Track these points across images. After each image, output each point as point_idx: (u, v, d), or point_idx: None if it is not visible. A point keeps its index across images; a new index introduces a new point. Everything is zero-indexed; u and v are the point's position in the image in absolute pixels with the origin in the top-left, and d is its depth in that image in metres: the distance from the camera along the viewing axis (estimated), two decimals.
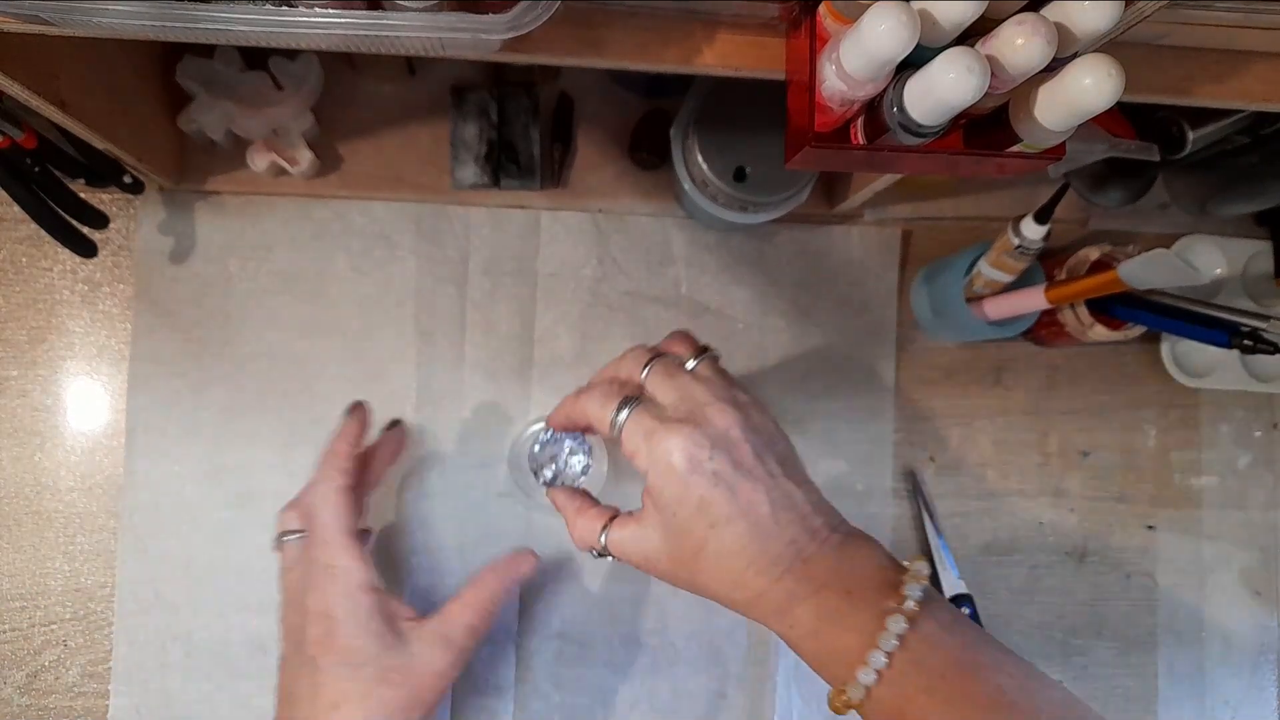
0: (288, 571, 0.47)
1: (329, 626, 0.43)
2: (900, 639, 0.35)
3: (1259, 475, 0.67)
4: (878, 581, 0.37)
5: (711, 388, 0.41)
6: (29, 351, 0.57)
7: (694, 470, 0.37)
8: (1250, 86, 0.40)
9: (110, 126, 0.47)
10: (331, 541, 0.44)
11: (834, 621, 0.36)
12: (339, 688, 0.42)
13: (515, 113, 0.59)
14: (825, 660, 0.37)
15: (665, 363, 0.42)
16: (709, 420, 0.39)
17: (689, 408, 0.39)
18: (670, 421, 0.38)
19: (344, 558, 0.44)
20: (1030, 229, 0.52)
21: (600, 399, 0.41)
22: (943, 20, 0.30)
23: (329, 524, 0.45)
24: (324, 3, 0.31)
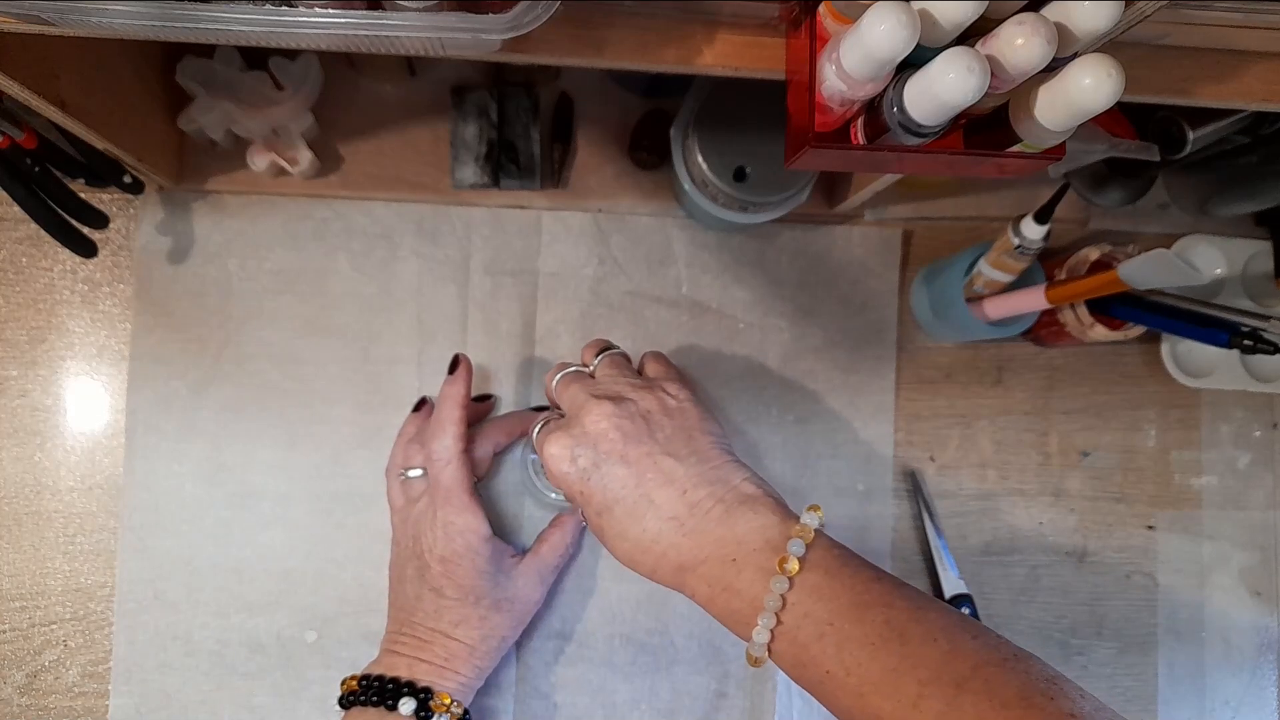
0: (412, 503, 0.52)
1: (452, 569, 0.49)
2: (783, 598, 0.37)
3: (1259, 475, 0.67)
4: (760, 544, 0.39)
5: (591, 387, 0.45)
6: (29, 351, 0.57)
7: (567, 470, 0.42)
8: (1250, 86, 0.40)
9: (110, 126, 0.47)
10: (452, 501, 0.50)
11: (723, 588, 0.39)
12: (462, 612, 0.49)
13: (515, 113, 0.59)
14: (728, 623, 0.40)
15: (568, 375, 0.47)
16: (580, 420, 0.43)
17: (571, 413, 0.44)
18: (550, 430, 0.44)
19: (465, 516, 0.49)
20: (1030, 229, 0.52)
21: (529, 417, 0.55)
22: (943, 20, 0.30)
23: (451, 487, 0.50)
24: (324, 3, 0.31)
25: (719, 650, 0.60)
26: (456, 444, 0.50)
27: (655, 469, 0.41)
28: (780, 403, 0.62)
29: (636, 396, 0.44)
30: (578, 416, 0.43)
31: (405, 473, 0.53)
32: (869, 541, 0.62)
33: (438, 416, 0.51)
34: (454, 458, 0.50)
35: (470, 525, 0.49)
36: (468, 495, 0.50)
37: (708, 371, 0.61)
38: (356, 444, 0.57)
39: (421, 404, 0.57)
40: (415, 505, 0.52)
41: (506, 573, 0.51)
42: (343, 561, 0.57)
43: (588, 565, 0.59)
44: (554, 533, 0.55)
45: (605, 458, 0.41)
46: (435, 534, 0.49)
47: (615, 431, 0.42)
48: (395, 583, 0.52)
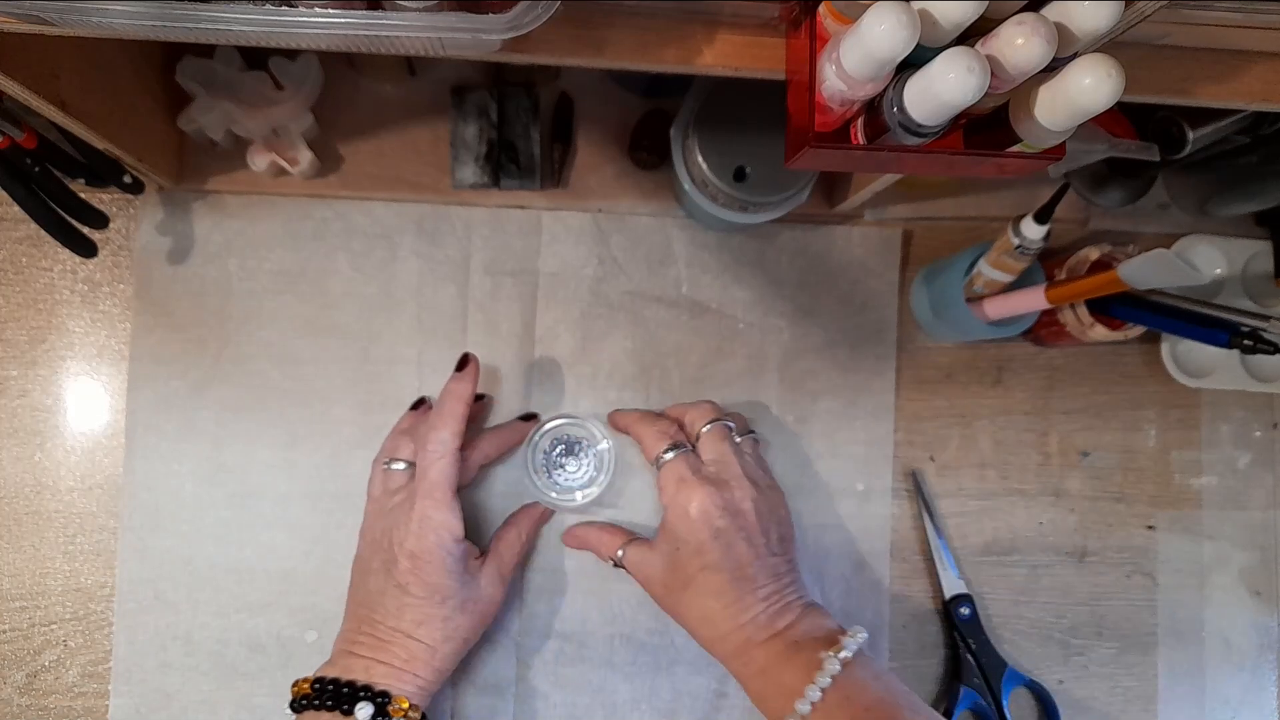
0: (389, 495, 0.52)
1: (420, 566, 0.48)
2: (833, 678, 0.44)
3: (1259, 475, 0.67)
4: (821, 638, 0.47)
5: (744, 464, 0.51)
6: (29, 351, 0.57)
7: (704, 522, 0.48)
8: (1250, 86, 0.40)
9: (110, 126, 0.47)
10: (435, 495, 0.49)
11: (781, 661, 0.46)
12: (425, 611, 0.48)
13: (515, 113, 0.59)
14: (768, 694, 0.46)
15: (722, 428, 0.52)
16: (730, 488, 0.49)
17: (719, 472, 0.50)
18: (701, 477, 0.49)
19: (443, 513, 0.49)
20: (1030, 229, 0.52)
21: (657, 433, 0.52)
22: (943, 20, 0.30)
23: (438, 482, 0.49)
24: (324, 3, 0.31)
25: None
26: (454, 440, 0.50)
27: (768, 561, 0.49)
28: (780, 403, 0.62)
29: (772, 495, 0.52)
30: (728, 482, 0.50)
31: (389, 463, 0.53)
32: (869, 541, 0.62)
33: (440, 410, 0.51)
34: (448, 453, 0.49)
35: (446, 523, 0.49)
36: (451, 493, 0.49)
37: (708, 371, 0.61)
38: (356, 444, 0.57)
39: (420, 403, 0.57)
40: (393, 497, 0.51)
41: (472, 574, 0.51)
42: (343, 562, 0.56)
43: (588, 566, 0.59)
44: (509, 531, 0.55)
45: (739, 532, 0.48)
46: (409, 527, 0.48)
47: (754, 515, 0.49)
48: (358, 577, 0.52)
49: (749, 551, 0.48)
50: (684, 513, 0.48)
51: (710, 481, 0.49)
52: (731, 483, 0.50)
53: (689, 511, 0.48)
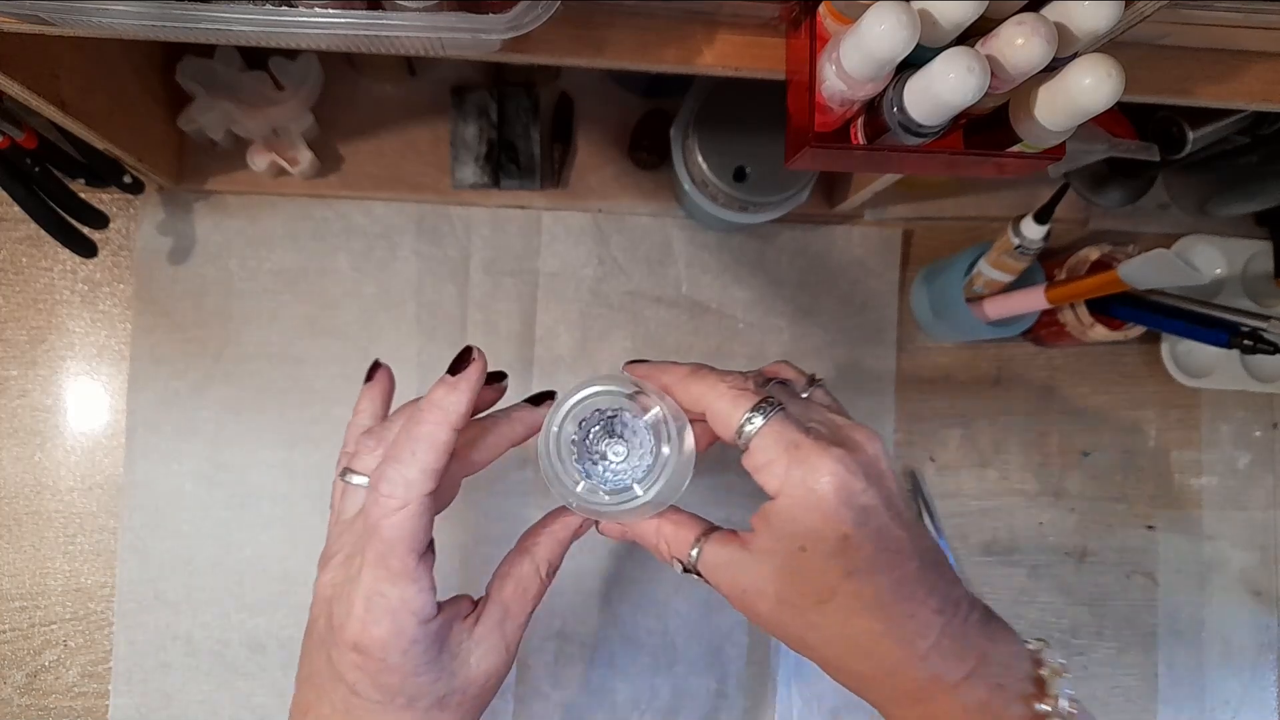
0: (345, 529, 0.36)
1: (370, 662, 0.32)
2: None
3: (1259, 475, 0.67)
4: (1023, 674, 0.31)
5: (843, 414, 0.35)
6: (29, 351, 0.57)
7: (844, 502, 0.31)
8: (1250, 86, 0.40)
9: (110, 126, 0.47)
10: (392, 565, 0.32)
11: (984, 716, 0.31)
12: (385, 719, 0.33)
13: (515, 113, 0.59)
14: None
15: (784, 387, 0.36)
16: (860, 445, 0.33)
17: (830, 430, 0.33)
18: (821, 440, 0.32)
19: (401, 587, 0.32)
20: (1030, 229, 0.52)
21: (730, 394, 0.33)
22: (943, 20, 0.30)
23: (393, 544, 0.32)
24: (324, 3, 0.31)
25: (719, 650, 0.60)
26: (425, 481, 0.32)
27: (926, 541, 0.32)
28: None
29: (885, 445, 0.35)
30: (851, 439, 0.33)
31: (346, 474, 0.37)
32: None
33: (412, 431, 0.32)
34: (413, 500, 0.32)
35: (407, 601, 0.32)
36: (413, 558, 0.32)
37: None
38: None
39: (375, 370, 0.42)
40: (345, 538, 0.35)
41: (455, 651, 0.34)
42: None
43: (587, 566, 0.59)
44: (520, 564, 0.36)
45: (888, 510, 0.31)
46: (353, 605, 0.32)
47: (892, 478, 0.33)
48: (306, 637, 0.36)
49: (905, 537, 0.31)
50: (810, 494, 0.31)
51: (834, 442, 0.32)
52: (856, 437, 0.33)
53: (819, 488, 0.31)
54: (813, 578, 0.31)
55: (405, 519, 0.32)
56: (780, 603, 0.32)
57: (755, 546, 0.33)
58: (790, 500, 0.32)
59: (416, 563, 0.32)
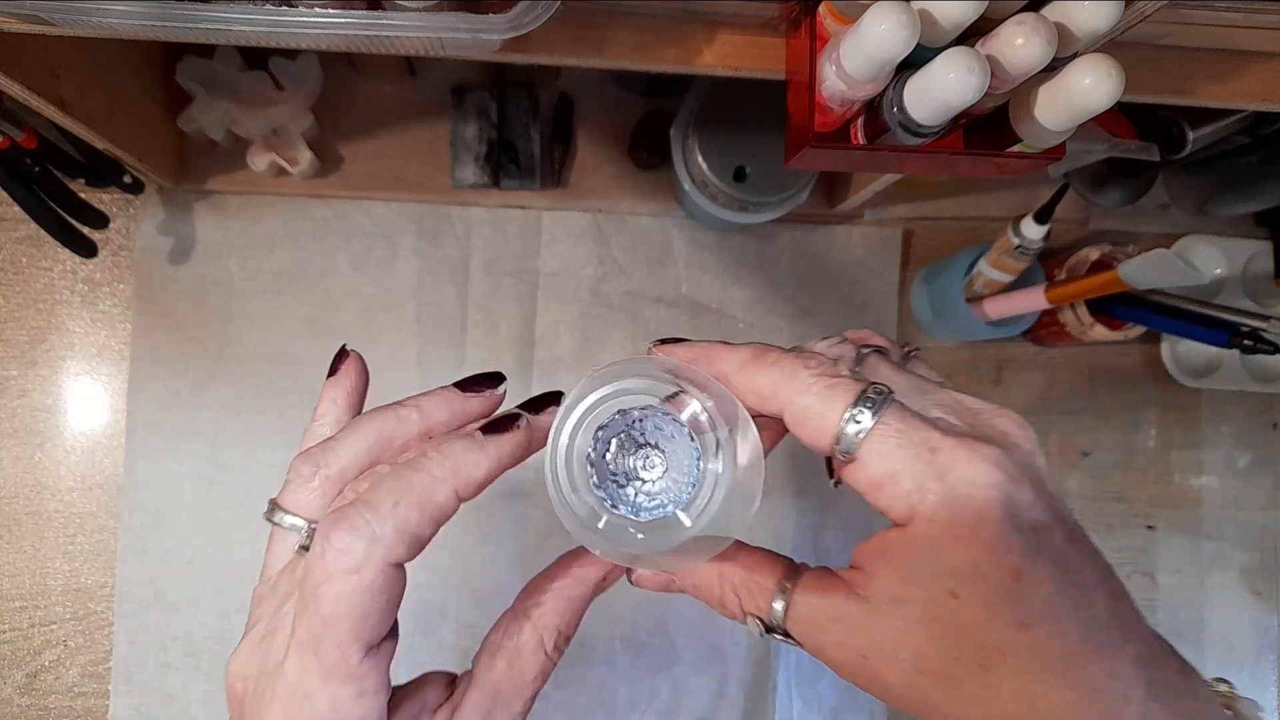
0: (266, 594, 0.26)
1: None
2: None
3: (1259, 475, 0.67)
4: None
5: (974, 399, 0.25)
6: (29, 351, 0.57)
7: (1012, 523, 0.22)
8: (1250, 86, 0.40)
9: (110, 126, 0.47)
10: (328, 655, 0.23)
11: None
12: None
13: (515, 113, 0.59)
14: None
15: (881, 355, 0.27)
16: (1009, 438, 0.24)
17: (966, 421, 0.24)
18: (962, 436, 0.23)
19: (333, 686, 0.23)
20: (1030, 229, 0.52)
21: (818, 384, 0.24)
22: (943, 20, 0.30)
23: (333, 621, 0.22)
24: (324, 3, 0.31)
25: (719, 650, 0.59)
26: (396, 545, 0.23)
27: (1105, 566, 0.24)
28: None
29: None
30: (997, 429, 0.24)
31: (275, 513, 0.27)
32: None
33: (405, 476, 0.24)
34: (372, 567, 0.22)
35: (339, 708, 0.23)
36: (357, 650, 0.23)
37: None
38: None
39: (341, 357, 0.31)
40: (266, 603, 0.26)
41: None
42: None
43: None
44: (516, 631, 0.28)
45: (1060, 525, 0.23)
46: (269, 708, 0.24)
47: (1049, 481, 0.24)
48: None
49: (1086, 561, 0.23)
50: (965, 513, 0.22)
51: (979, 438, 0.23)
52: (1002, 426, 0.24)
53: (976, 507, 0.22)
54: (972, 634, 0.22)
55: (354, 590, 0.22)
56: (922, 672, 0.23)
57: (875, 593, 0.23)
58: (933, 527, 0.22)
59: (362, 658, 0.23)
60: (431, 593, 0.58)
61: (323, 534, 0.23)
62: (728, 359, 0.26)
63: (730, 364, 0.26)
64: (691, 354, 0.27)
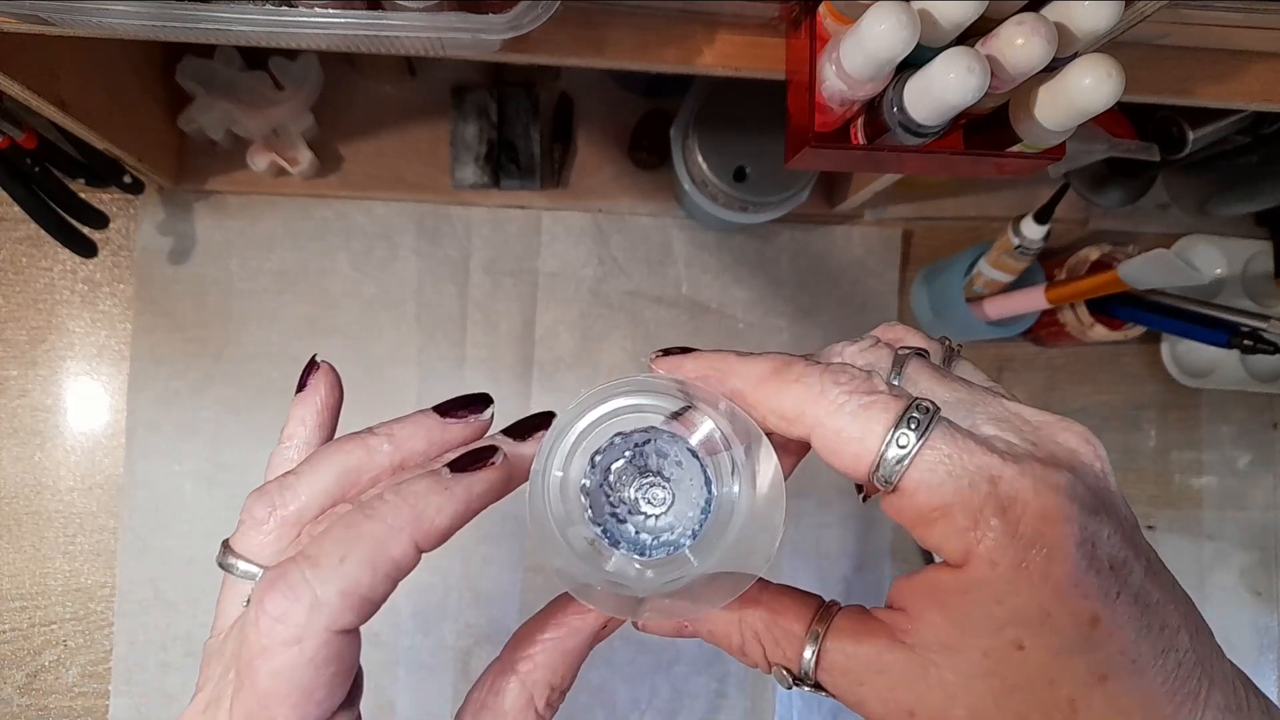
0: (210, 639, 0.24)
1: None
2: None
3: (1259, 475, 0.67)
4: None
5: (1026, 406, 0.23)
6: (29, 351, 0.57)
7: (1089, 563, 0.19)
8: (1250, 86, 0.40)
9: (110, 126, 0.47)
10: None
11: None
12: None
13: (515, 113, 0.59)
14: None
15: (922, 363, 0.25)
16: (1077, 457, 0.21)
17: (1025, 438, 0.21)
18: (1024, 460, 0.20)
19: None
20: (1030, 229, 0.52)
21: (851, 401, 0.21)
22: (943, 20, 0.30)
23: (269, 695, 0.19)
24: (324, 3, 0.31)
25: (719, 650, 0.59)
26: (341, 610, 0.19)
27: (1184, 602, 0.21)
28: None
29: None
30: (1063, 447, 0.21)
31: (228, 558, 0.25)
32: (869, 541, 0.62)
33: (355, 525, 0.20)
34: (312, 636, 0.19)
35: None
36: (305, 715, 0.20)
37: None
38: None
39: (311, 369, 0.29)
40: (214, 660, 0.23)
41: None
42: None
43: None
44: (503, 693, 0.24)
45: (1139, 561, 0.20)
46: None
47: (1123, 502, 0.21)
48: None
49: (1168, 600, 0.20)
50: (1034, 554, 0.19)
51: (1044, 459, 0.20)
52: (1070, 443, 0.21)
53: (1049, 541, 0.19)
54: (1040, 689, 0.19)
55: (294, 665, 0.19)
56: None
57: (923, 641, 0.20)
58: (994, 569, 0.19)
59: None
60: (432, 593, 0.58)
61: (258, 598, 0.20)
62: (743, 373, 0.23)
63: (747, 380, 0.23)
64: (699, 367, 0.23)
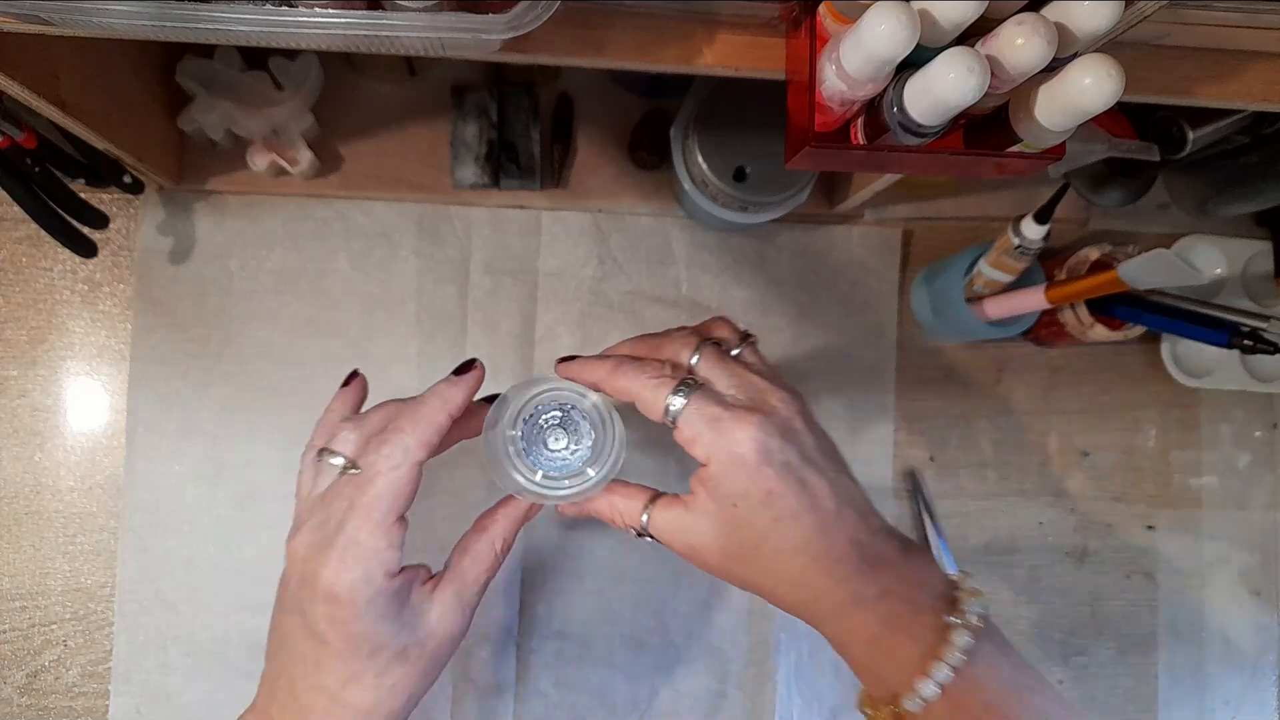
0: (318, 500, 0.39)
1: (338, 611, 0.36)
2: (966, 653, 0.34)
3: (1259, 475, 0.67)
4: (938, 593, 0.37)
5: (766, 375, 0.39)
6: (29, 351, 0.57)
7: (765, 461, 0.35)
8: (1250, 86, 0.40)
9: (110, 126, 0.47)
10: (373, 516, 0.36)
11: (896, 628, 0.36)
12: (351, 667, 0.37)
13: (515, 113, 0.59)
14: (879, 668, 0.36)
15: (715, 349, 0.40)
16: (774, 408, 0.37)
17: (750, 395, 0.38)
18: (737, 409, 0.37)
19: (378, 537, 0.36)
20: (1030, 229, 0.52)
21: (651, 380, 0.38)
22: (943, 20, 0.30)
23: (382, 497, 0.37)
24: (324, 3, 0.31)
25: (719, 650, 0.60)
26: (421, 450, 0.38)
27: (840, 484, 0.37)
28: None
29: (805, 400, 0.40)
30: (767, 402, 0.37)
31: (323, 453, 0.39)
32: None
33: (417, 409, 0.39)
34: (408, 464, 0.37)
35: (378, 552, 0.36)
36: (393, 517, 0.37)
37: None
38: None
39: (352, 378, 0.46)
40: (317, 508, 0.39)
41: (416, 608, 0.38)
42: None
43: (587, 565, 0.59)
44: (477, 541, 0.41)
45: (804, 461, 0.36)
46: (329, 555, 0.36)
47: (809, 434, 0.38)
48: (277, 608, 0.40)
49: (822, 482, 0.36)
50: (736, 457, 0.36)
51: (750, 409, 0.37)
52: (771, 400, 0.38)
53: (743, 453, 0.36)
54: (746, 527, 0.36)
55: (398, 479, 0.37)
56: (723, 554, 0.38)
57: (696, 507, 0.38)
58: (719, 466, 0.36)
59: (394, 522, 0.37)
60: None
61: (374, 449, 0.38)
62: (599, 370, 0.40)
63: (600, 374, 0.40)
64: (575, 369, 0.42)
